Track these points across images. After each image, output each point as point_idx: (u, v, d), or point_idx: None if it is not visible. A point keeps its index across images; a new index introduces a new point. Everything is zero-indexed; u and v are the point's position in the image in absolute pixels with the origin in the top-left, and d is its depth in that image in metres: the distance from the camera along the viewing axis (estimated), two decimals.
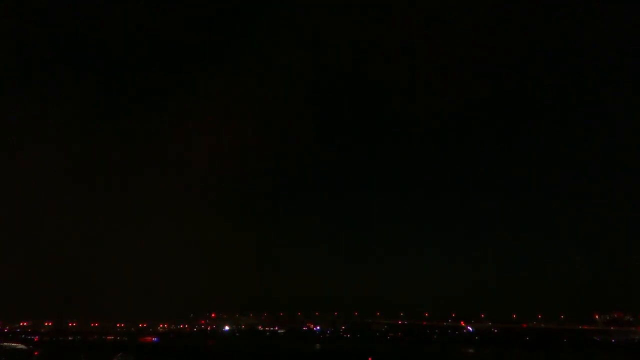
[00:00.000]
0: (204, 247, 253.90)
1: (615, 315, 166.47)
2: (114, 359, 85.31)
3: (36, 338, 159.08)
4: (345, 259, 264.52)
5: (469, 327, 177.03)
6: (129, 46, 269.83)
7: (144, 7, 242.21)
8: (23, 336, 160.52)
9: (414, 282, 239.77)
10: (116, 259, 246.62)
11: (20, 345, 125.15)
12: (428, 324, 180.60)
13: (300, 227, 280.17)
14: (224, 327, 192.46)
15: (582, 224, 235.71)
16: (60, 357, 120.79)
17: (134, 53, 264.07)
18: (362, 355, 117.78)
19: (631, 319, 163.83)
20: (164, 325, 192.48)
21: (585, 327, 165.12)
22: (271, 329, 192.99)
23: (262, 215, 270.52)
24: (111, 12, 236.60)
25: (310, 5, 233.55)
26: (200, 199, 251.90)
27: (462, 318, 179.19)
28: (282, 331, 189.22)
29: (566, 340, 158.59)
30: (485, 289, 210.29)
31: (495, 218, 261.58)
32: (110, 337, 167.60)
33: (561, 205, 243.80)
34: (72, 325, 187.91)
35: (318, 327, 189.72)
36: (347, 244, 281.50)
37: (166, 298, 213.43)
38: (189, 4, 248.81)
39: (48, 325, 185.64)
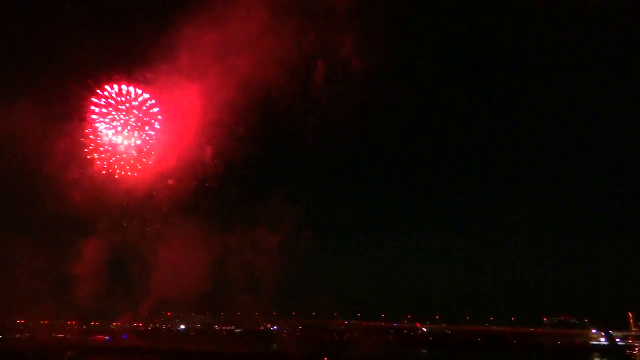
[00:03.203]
0: None
1: (563, 319, 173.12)
2: (65, 358, 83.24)
3: None
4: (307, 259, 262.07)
5: (423, 329, 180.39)
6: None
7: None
8: None
9: (371, 282, 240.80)
10: None
11: None
12: (384, 325, 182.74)
13: None
14: (179, 326, 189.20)
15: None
16: (6, 357, 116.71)
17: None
18: (319, 355, 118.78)
19: (577, 322, 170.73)
20: (117, 324, 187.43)
21: (534, 330, 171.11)
22: (228, 328, 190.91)
23: None
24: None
25: None
26: None
27: (417, 319, 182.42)
28: (239, 331, 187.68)
29: (516, 342, 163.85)
30: (442, 291, 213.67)
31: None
32: (60, 335, 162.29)
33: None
34: (20, 322, 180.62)
35: (275, 327, 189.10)
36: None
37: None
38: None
39: None
